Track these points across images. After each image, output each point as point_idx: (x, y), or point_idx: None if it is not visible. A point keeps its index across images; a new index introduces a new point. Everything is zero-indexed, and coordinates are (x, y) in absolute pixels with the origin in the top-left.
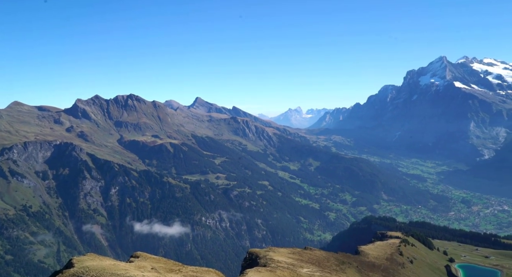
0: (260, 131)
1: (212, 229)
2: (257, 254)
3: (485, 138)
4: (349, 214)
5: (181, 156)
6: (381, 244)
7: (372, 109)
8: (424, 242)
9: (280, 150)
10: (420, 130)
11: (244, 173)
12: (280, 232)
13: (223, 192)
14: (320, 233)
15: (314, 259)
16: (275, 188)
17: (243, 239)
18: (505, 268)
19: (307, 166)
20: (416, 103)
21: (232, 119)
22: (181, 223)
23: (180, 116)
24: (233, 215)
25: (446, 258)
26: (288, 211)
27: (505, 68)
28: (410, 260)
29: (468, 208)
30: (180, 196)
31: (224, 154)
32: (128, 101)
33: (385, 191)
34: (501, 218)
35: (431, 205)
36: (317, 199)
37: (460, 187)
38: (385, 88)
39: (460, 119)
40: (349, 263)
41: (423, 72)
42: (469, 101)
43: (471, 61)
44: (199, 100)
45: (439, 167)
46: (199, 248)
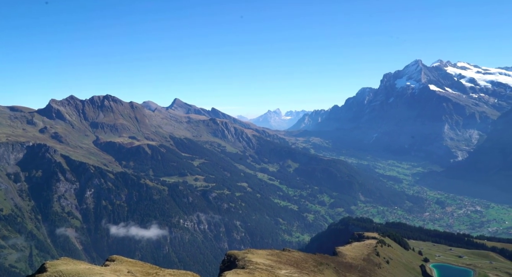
0: (239, 133)
1: (190, 231)
2: (236, 256)
3: (458, 140)
4: (327, 215)
5: (159, 157)
6: (358, 245)
7: (350, 111)
8: (400, 243)
9: (259, 152)
10: (396, 132)
11: (223, 174)
12: (258, 234)
13: (201, 194)
14: (298, 234)
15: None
16: (254, 190)
17: (222, 241)
18: (477, 267)
19: (286, 167)
20: (392, 105)
21: (211, 121)
22: (159, 226)
23: (158, 117)
24: (212, 217)
25: (421, 258)
26: (267, 213)
27: (477, 72)
28: (387, 261)
29: (442, 209)
30: (157, 198)
31: (203, 155)
32: (104, 102)
33: (363, 192)
34: (474, 219)
35: (407, 206)
36: (295, 201)
37: (435, 188)
38: (363, 90)
39: (434, 121)
40: (327, 264)
41: (399, 75)
42: (444, 104)
43: (445, 64)
44: (178, 101)
45: (415, 168)
46: (176, 250)
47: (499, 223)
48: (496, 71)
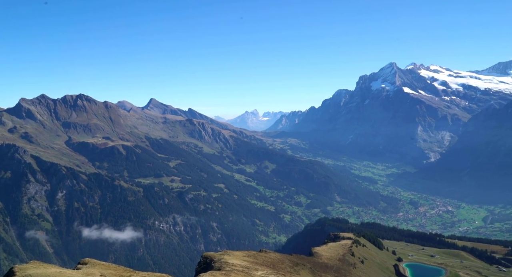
0: (217, 134)
1: (166, 233)
2: (212, 257)
3: (431, 141)
4: (304, 216)
5: (134, 158)
6: (334, 245)
7: (326, 112)
8: (374, 243)
9: (237, 153)
10: (371, 134)
11: (200, 176)
12: (235, 235)
13: (177, 195)
14: (275, 235)
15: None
16: (231, 191)
17: (198, 243)
18: (449, 266)
19: (263, 168)
20: (368, 107)
21: (188, 121)
22: (133, 228)
23: (133, 118)
24: (188, 219)
25: (394, 258)
26: (243, 214)
27: (449, 75)
28: (361, 260)
29: (416, 209)
30: (132, 199)
31: (179, 156)
32: (77, 101)
33: (339, 193)
34: (446, 218)
35: (382, 206)
36: (272, 202)
37: (408, 189)
38: (339, 92)
39: (408, 123)
40: (303, 264)
41: (374, 77)
42: (417, 106)
43: (418, 67)
44: (154, 101)
45: (389, 169)
46: (151, 253)
47: (469, 223)
48: (467, 75)
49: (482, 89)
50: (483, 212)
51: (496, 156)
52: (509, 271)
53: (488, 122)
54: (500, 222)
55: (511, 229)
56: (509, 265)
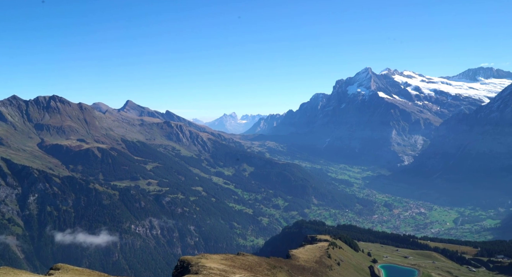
0: (195, 136)
1: (142, 237)
2: (189, 261)
3: (405, 145)
4: (281, 218)
5: (109, 161)
6: (311, 248)
7: (304, 116)
8: (350, 245)
9: (215, 156)
10: (348, 137)
11: (177, 178)
12: (213, 238)
13: (154, 198)
14: (253, 238)
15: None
16: (209, 194)
17: (175, 247)
18: (421, 267)
19: (241, 171)
20: (344, 111)
21: (165, 124)
22: (109, 232)
23: (109, 120)
24: (165, 222)
25: (370, 259)
26: (221, 217)
27: (422, 80)
28: (338, 262)
29: (390, 211)
30: (107, 203)
31: (157, 159)
32: (50, 103)
33: (316, 195)
34: (419, 220)
35: (357, 208)
36: (250, 204)
37: (383, 191)
38: (316, 96)
39: (383, 127)
40: (280, 267)
41: (350, 82)
42: (391, 111)
43: (393, 73)
44: (130, 103)
45: (365, 172)
46: (127, 257)
47: (441, 225)
48: (438, 80)
49: (453, 94)
50: (454, 214)
51: (466, 160)
52: (479, 271)
53: (458, 126)
54: (470, 224)
55: (480, 230)
56: (479, 266)
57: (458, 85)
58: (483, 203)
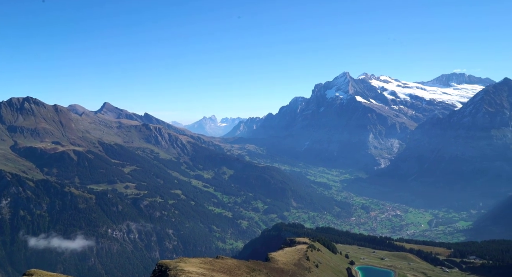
0: (174, 139)
1: (119, 241)
2: (167, 265)
3: (381, 148)
4: (261, 221)
5: (86, 164)
6: (290, 250)
7: (283, 119)
8: (328, 247)
9: (194, 159)
10: (326, 140)
11: (156, 182)
12: (192, 242)
13: (132, 202)
14: (232, 241)
15: (225, 267)
16: (188, 197)
17: (153, 251)
18: (397, 268)
19: (221, 174)
20: (323, 114)
21: (144, 126)
22: (84, 236)
23: (85, 122)
24: (143, 226)
25: (347, 261)
26: (200, 220)
27: (398, 85)
28: (316, 265)
29: (367, 214)
30: (83, 207)
31: (135, 162)
32: (24, 104)
33: (295, 198)
34: (395, 222)
35: (336, 211)
36: (230, 208)
37: (361, 194)
38: (295, 99)
39: (361, 130)
40: (259, 270)
41: (329, 86)
42: (368, 115)
43: (370, 77)
44: (108, 105)
45: (343, 175)
46: (103, 262)
47: (416, 226)
48: (414, 85)
49: (427, 99)
50: (428, 216)
51: (440, 163)
52: (452, 272)
53: (432, 130)
54: (444, 225)
55: (453, 232)
56: (452, 266)
57: (432, 90)
58: (456, 205)
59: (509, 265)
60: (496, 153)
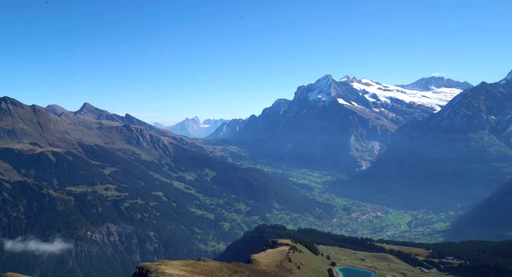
0: (155, 140)
1: (99, 244)
2: (148, 268)
3: (363, 150)
4: (243, 223)
5: (65, 165)
6: (272, 252)
7: (266, 121)
8: (310, 248)
9: (176, 160)
10: (309, 142)
11: (137, 183)
12: (173, 244)
13: (112, 204)
14: (214, 243)
15: (207, 270)
16: (169, 199)
17: (134, 253)
18: (377, 269)
19: (203, 176)
20: (305, 117)
21: (125, 127)
22: (63, 239)
23: (65, 123)
24: (123, 228)
25: (329, 262)
26: (182, 223)
27: (379, 88)
28: (298, 266)
29: (348, 215)
30: (62, 209)
31: (115, 163)
32: (1, 104)
33: (277, 200)
34: (375, 223)
35: (317, 212)
36: (212, 209)
37: (342, 196)
38: (278, 101)
39: (342, 133)
40: (241, 272)
41: (311, 88)
42: (350, 117)
43: (351, 80)
44: (88, 105)
45: (325, 177)
46: (82, 265)
47: (396, 227)
48: (394, 88)
49: (407, 102)
50: (408, 217)
51: (419, 165)
52: (430, 272)
53: (412, 133)
54: (423, 226)
55: (432, 232)
56: (430, 267)
57: (412, 93)
58: (435, 207)
59: (485, 265)
60: (473, 156)
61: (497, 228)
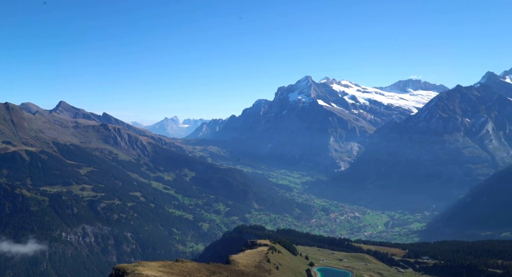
0: (134, 140)
1: (74, 245)
2: (124, 269)
3: (341, 151)
4: (222, 224)
5: (39, 165)
6: (251, 252)
7: (246, 121)
8: (289, 249)
9: (155, 160)
10: (289, 143)
11: (114, 184)
12: (151, 245)
13: (88, 204)
14: (193, 244)
15: (185, 271)
16: (147, 200)
17: (110, 255)
18: (355, 269)
19: (182, 176)
20: (285, 117)
21: (102, 126)
22: (37, 240)
23: (39, 121)
24: (100, 229)
25: (307, 263)
26: (160, 223)
27: (358, 90)
28: (276, 266)
29: (327, 215)
30: (36, 209)
31: (92, 163)
32: None
33: (257, 200)
34: (353, 224)
35: (296, 213)
36: (191, 210)
37: (321, 196)
38: (259, 102)
39: (322, 134)
40: (220, 273)
41: (292, 89)
42: (330, 118)
43: (331, 82)
44: (64, 104)
45: (304, 177)
46: (56, 267)
47: (373, 228)
48: (372, 90)
49: (385, 104)
50: (385, 217)
51: (396, 166)
52: (406, 272)
53: (390, 134)
54: (399, 227)
55: (408, 233)
56: (406, 267)
57: (390, 96)
58: (411, 207)
59: (459, 265)
60: (448, 157)
61: (470, 228)
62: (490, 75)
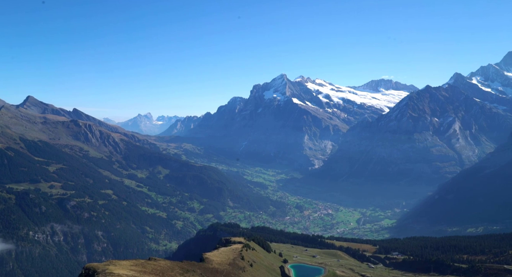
0: (105, 137)
1: (42, 244)
2: (95, 269)
3: (316, 149)
4: (196, 222)
5: (5, 162)
6: (225, 250)
7: (221, 119)
8: (263, 246)
9: (127, 157)
10: (264, 141)
11: (85, 181)
12: (123, 244)
13: (57, 202)
14: (166, 242)
15: (158, 269)
16: (119, 197)
17: (80, 254)
18: (327, 265)
19: (156, 174)
20: (261, 115)
21: (72, 123)
22: (2, 239)
23: (5, 116)
24: (69, 228)
25: (281, 260)
26: (133, 221)
27: (332, 89)
28: (250, 264)
29: (301, 213)
30: (1, 208)
31: (61, 160)
32: None
33: (231, 198)
34: (326, 221)
35: (271, 210)
36: (164, 208)
37: (295, 194)
38: (234, 99)
39: (296, 132)
40: (193, 271)
41: (267, 87)
42: (304, 116)
43: (306, 80)
44: (32, 99)
45: (279, 175)
46: (23, 266)
47: (345, 225)
48: (346, 90)
49: (358, 103)
50: (357, 214)
51: (368, 164)
52: (377, 268)
53: (362, 133)
54: (371, 223)
55: (379, 229)
56: (377, 262)
57: (363, 95)
58: (382, 204)
59: (427, 260)
60: (418, 156)
61: (438, 225)
62: (458, 76)
